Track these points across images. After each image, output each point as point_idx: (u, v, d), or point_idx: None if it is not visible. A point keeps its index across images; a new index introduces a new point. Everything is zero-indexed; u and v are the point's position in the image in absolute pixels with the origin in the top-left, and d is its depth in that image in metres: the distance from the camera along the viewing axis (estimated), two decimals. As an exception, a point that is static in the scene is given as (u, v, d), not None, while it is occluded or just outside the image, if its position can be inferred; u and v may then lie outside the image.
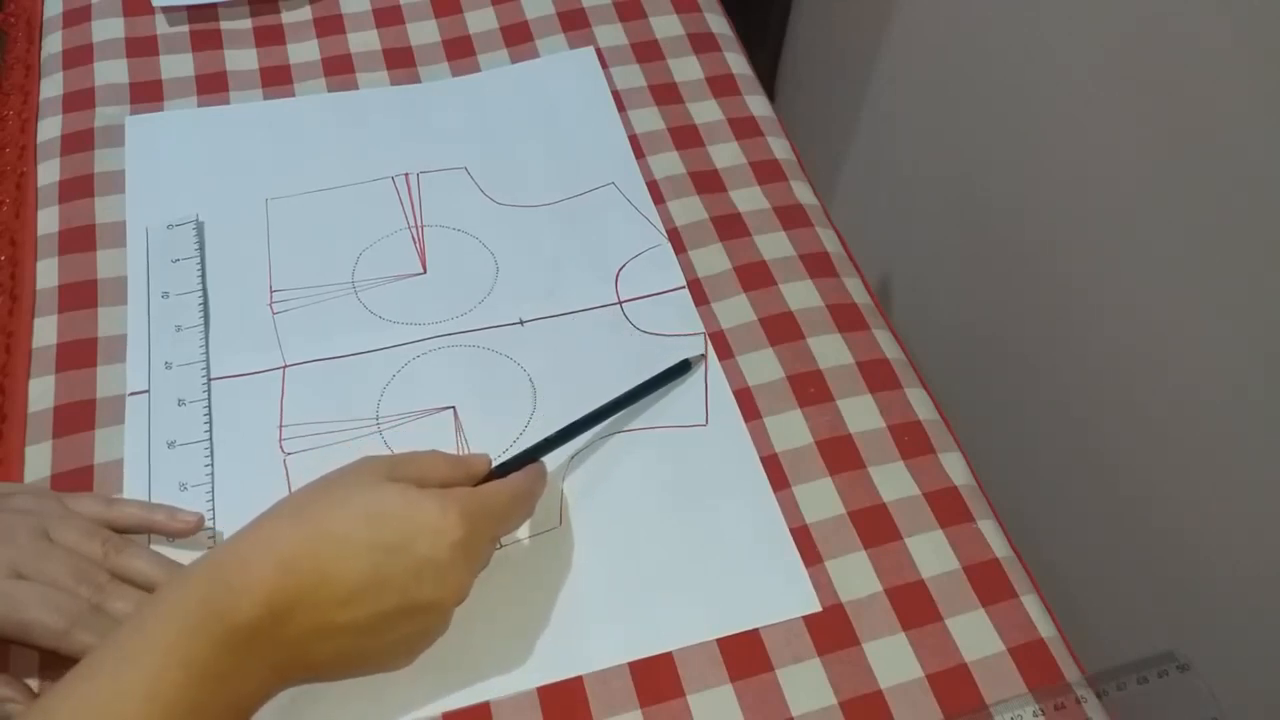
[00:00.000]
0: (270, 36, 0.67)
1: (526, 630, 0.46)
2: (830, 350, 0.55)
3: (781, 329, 0.55)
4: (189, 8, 0.67)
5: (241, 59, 0.65)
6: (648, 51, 0.67)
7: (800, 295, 0.57)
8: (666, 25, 0.69)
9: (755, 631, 0.46)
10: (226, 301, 0.55)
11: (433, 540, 0.39)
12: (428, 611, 0.40)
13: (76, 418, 0.51)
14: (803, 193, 0.62)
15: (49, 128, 0.62)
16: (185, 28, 0.67)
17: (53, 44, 0.66)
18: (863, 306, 0.57)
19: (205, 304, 0.55)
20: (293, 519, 0.39)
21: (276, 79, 0.65)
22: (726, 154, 0.63)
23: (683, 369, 0.53)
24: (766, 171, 0.62)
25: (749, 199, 0.61)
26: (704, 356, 0.54)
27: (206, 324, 0.54)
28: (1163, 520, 0.66)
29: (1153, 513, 0.66)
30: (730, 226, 0.59)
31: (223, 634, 0.35)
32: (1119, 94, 0.61)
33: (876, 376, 0.54)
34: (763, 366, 0.54)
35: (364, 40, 0.67)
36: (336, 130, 0.62)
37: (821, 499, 0.50)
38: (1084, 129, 0.65)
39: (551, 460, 0.50)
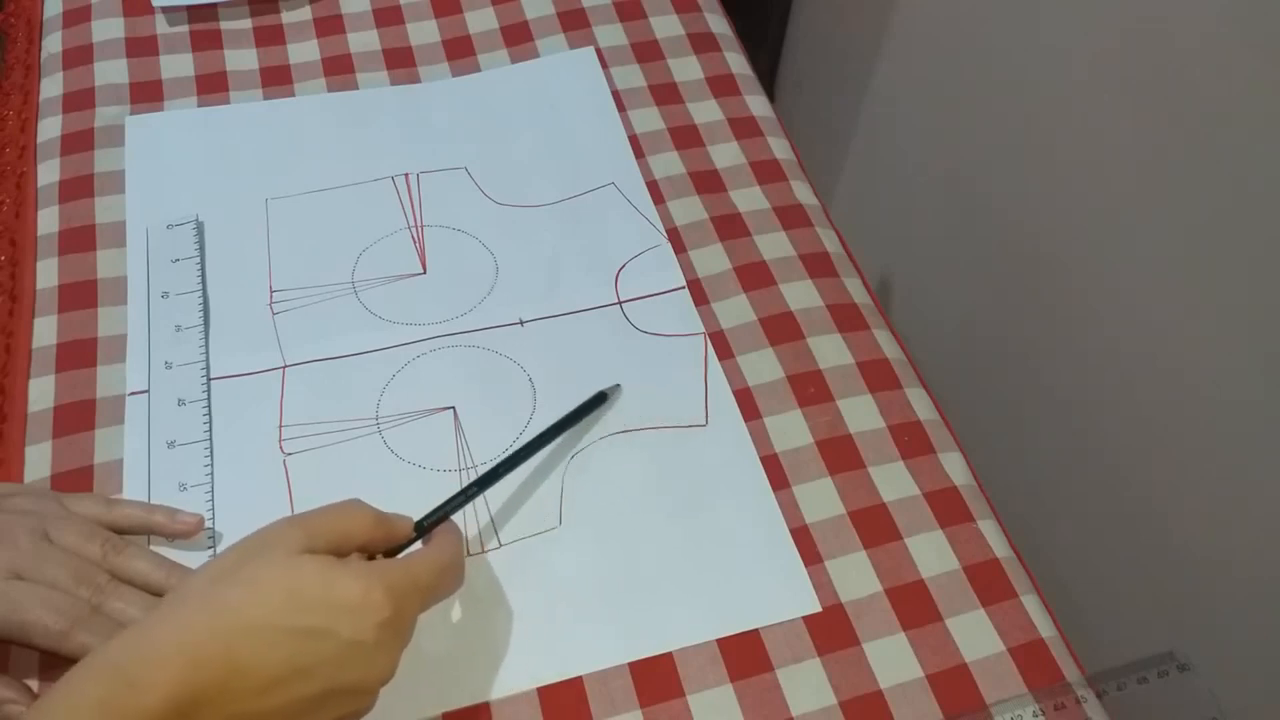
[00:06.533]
0: (270, 36, 0.67)
1: (526, 630, 0.46)
2: (830, 350, 0.55)
3: (781, 329, 0.55)
4: (189, 8, 0.67)
5: (241, 59, 0.65)
6: (648, 51, 0.67)
7: (800, 295, 0.57)
8: (666, 25, 0.69)
9: (755, 631, 0.46)
10: (226, 301, 0.55)
11: (357, 622, 0.37)
12: (353, 693, 0.38)
13: (76, 418, 0.50)
14: (803, 193, 0.62)
15: (49, 128, 0.62)
16: (185, 28, 0.67)
17: (53, 44, 0.66)
18: (863, 306, 0.57)
19: (205, 304, 0.55)
20: (200, 605, 0.36)
21: (276, 79, 0.65)
22: (726, 154, 0.63)
23: (599, 400, 0.51)
24: (766, 171, 0.62)
25: (749, 199, 0.61)
26: (619, 387, 0.52)
27: (206, 324, 0.54)
28: (1163, 520, 0.66)
29: (1153, 513, 0.66)
30: (730, 226, 0.59)
31: None
32: (1119, 93, 0.61)
33: (876, 376, 0.54)
34: (763, 366, 0.54)
35: (364, 40, 0.67)
36: (336, 130, 0.62)
37: (821, 499, 0.50)
38: (1084, 129, 0.65)
39: (551, 461, 0.50)
